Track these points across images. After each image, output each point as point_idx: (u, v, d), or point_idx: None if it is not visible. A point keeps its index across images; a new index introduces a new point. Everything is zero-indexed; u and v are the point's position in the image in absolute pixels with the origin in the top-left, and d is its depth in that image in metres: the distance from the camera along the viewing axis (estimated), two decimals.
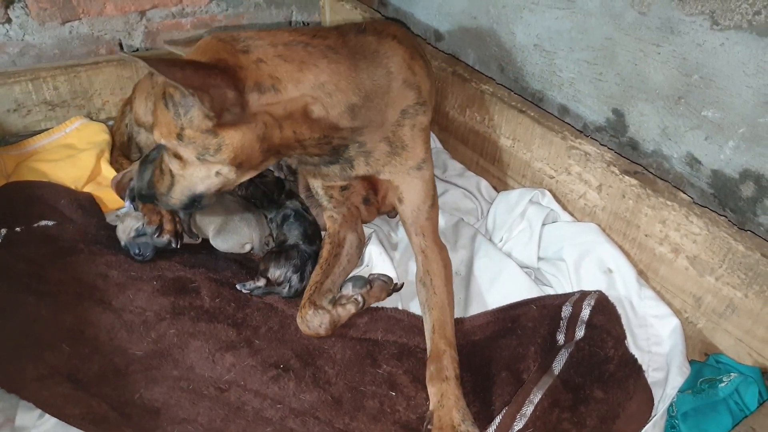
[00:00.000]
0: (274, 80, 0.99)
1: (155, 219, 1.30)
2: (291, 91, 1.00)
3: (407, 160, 1.21)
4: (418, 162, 1.22)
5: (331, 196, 1.29)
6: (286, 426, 1.02)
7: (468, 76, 1.50)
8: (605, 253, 1.22)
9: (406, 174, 1.22)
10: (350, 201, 1.31)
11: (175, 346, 1.13)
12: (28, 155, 1.52)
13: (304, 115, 1.03)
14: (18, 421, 0.97)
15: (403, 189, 1.24)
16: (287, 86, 1.00)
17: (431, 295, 1.18)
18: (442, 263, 1.22)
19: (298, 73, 1.00)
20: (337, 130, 1.08)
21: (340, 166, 1.19)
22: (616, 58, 1.24)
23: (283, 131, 1.03)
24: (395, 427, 1.05)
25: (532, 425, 0.98)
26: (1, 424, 0.93)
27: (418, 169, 1.22)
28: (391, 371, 1.14)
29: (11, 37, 1.53)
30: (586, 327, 1.12)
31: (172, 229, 1.31)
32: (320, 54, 1.03)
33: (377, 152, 1.18)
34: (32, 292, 1.18)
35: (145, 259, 1.28)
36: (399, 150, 1.19)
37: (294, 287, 1.24)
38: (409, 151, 1.20)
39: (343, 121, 1.07)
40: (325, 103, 1.03)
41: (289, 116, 1.02)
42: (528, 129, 1.36)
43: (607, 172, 1.21)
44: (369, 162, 1.19)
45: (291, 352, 1.15)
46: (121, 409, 1.00)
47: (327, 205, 1.31)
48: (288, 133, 1.04)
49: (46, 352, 1.07)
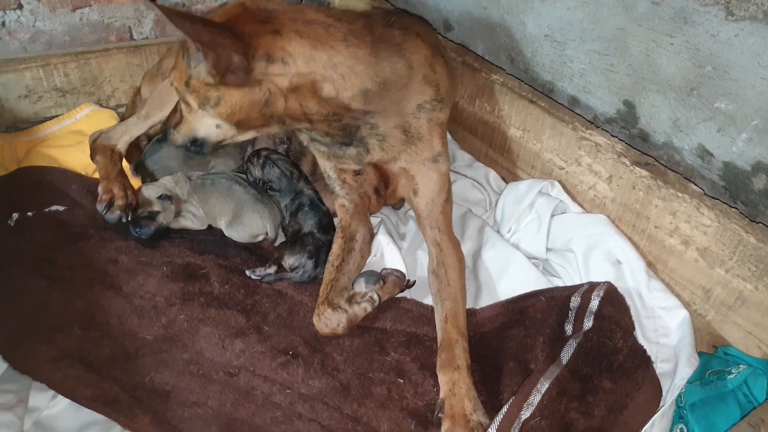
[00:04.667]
0: (285, 53, 1.02)
1: (106, 197, 1.34)
2: (300, 67, 1.03)
3: (423, 150, 1.22)
4: (434, 154, 1.23)
5: (344, 181, 1.29)
6: (295, 411, 1.03)
7: (478, 66, 1.49)
8: (614, 245, 1.22)
9: (421, 165, 1.23)
10: (363, 189, 1.31)
11: (184, 332, 1.13)
12: (39, 141, 1.53)
13: (313, 92, 1.05)
14: (31, 401, 0.98)
15: (419, 180, 1.24)
16: (297, 61, 1.03)
17: (445, 286, 1.18)
18: (456, 257, 1.23)
19: (311, 50, 1.03)
20: (348, 111, 1.10)
21: (356, 150, 1.20)
22: (628, 49, 1.24)
23: (288, 102, 1.06)
24: (403, 413, 1.06)
25: (540, 414, 0.98)
26: (15, 404, 0.94)
27: (434, 161, 1.23)
28: (399, 359, 1.15)
29: (22, 24, 1.53)
30: (594, 318, 1.12)
31: (123, 204, 1.35)
32: (340, 37, 1.05)
33: (392, 138, 1.18)
34: (44, 276, 1.18)
35: (141, 236, 1.30)
36: (415, 140, 1.20)
37: (308, 273, 1.24)
38: (425, 142, 1.21)
39: (355, 104, 1.09)
40: (337, 84, 1.05)
41: (294, 90, 1.05)
42: (538, 120, 1.35)
43: (617, 164, 1.21)
44: (384, 147, 1.19)
45: (300, 338, 1.16)
46: (132, 392, 1.01)
47: (339, 191, 1.30)
48: (293, 104, 1.07)
49: (58, 335, 1.08)
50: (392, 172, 1.27)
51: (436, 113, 1.20)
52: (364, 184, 1.30)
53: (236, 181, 1.36)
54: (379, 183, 1.31)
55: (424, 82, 1.17)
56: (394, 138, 1.18)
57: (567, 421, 0.99)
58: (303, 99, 1.06)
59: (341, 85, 1.06)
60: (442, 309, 1.16)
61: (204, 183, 1.37)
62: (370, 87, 1.08)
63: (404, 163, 1.23)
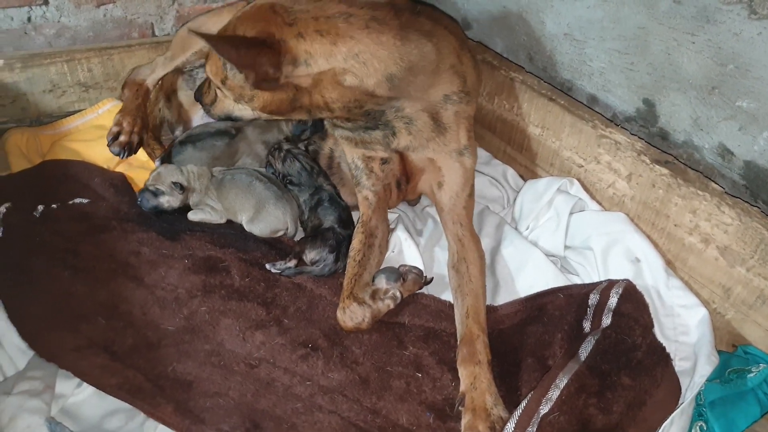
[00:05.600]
0: (308, 55, 1.06)
1: (115, 129, 1.44)
2: (321, 65, 1.06)
3: (451, 142, 1.23)
4: (460, 147, 1.24)
5: (371, 170, 1.29)
6: (315, 403, 1.04)
7: (497, 63, 1.50)
8: (633, 243, 1.22)
9: (448, 156, 1.24)
10: (387, 180, 1.31)
11: (206, 323, 1.15)
12: (62, 135, 1.55)
13: (335, 83, 1.08)
14: (57, 389, 0.99)
15: (445, 172, 1.25)
16: (318, 60, 1.06)
17: (466, 281, 1.19)
18: (478, 253, 1.23)
19: (331, 46, 1.05)
20: (373, 97, 1.12)
21: (382, 133, 1.21)
22: (648, 48, 1.24)
23: (313, 96, 1.11)
24: (421, 407, 1.07)
25: (558, 409, 0.98)
26: (42, 390, 0.96)
27: (460, 154, 1.24)
28: (417, 353, 1.15)
29: (48, 19, 1.55)
30: (613, 315, 1.12)
31: (125, 141, 1.46)
32: (361, 24, 1.07)
33: (419, 122, 1.19)
34: (68, 266, 1.20)
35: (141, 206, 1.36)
36: (443, 129, 1.22)
37: (328, 266, 1.25)
38: (452, 133, 1.22)
39: (380, 90, 1.10)
40: (359, 72, 1.07)
41: (316, 85, 1.09)
42: (558, 117, 1.36)
43: (637, 162, 1.21)
44: (411, 131, 1.20)
45: (319, 331, 1.17)
46: (155, 381, 1.03)
47: (365, 182, 1.30)
48: (317, 98, 1.11)
49: (83, 324, 1.09)
50: (417, 166, 1.28)
51: (463, 106, 1.21)
52: (389, 175, 1.31)
53: (256, 177, 1.37)
54: (402, 176, 1.32)
55: (452, 71, 1.18)
56: (422, 122, 1.19)
57: (585, 417, 1.00)
58: (326, 91, 1.09)
59: (364, 72, 1.07)
60: (463, 304, 1.16)
61: (224, 178, 1.38)
62: (395, 72, 1.09)
63: (432, 153, 1.24)
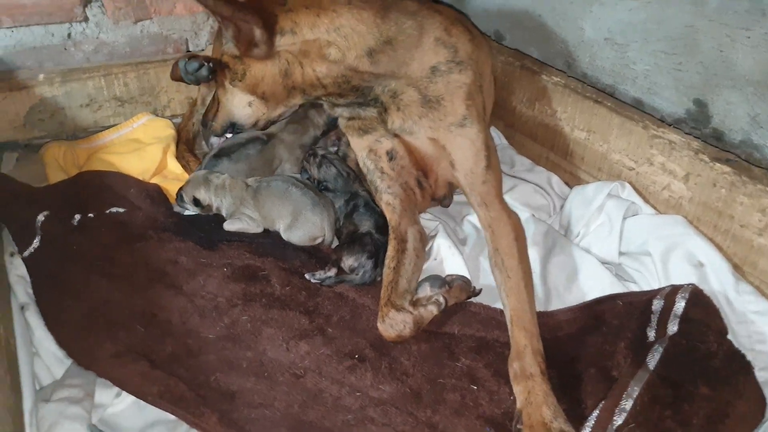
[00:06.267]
0: (294, 24, 1.14)
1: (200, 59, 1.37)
2: (306, 34, 1.14)
3: (446, 116, 1.20)
4: (458, 119, 1.20)
5: (382, 171, 1.28)
6: (367, 415, 0.98)
7: (537, 69, 1.47)
8: (695, 246, 1.15)
9: (447, 131, 1.21)
10: (403, 179, 1.28)
11: (248, 332, 1.10)
12: (98, 148, 1.54)
13: (321, 56, 1.15)
14: (96, 398, 0.94)
15: (450, 149, 1.22)
16: (303, 29, 1.14)
17: (505, 279, 1.12)
18: (512, 236, 1.16)
19: (315, 18, 1.14)
20: (357, 72, 1.17)
21: (375, 110, 1.25)
22: (698, 46, 1.20)
23: (305, 69, 1.17)
24: (480, 421, 1.00)
25: (633, 420, 0.91)
26: (82, 398, 0.91)
27: (461, 126, 1.20)
28: (470, 365, 1.09)
29: (87, 35, 1.57)
30: (680, 321, 1.05)
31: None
32: (344, 1, 1.15)
33: (405, 96, 1.20)
34: (104, 274, 1.17)
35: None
36: (434, 104, 1.20)
37: (368, 273, 1.20)
38: (446, 106, 1.20)
39: (362, 65, 1.16)
40: (341, 45, 1.14)
41: (305, 55, 1.16)
42: (605, 119, 1.31)
43: (695, 161, 1.16)
44: (399, 106, 1.21)
45: (365, 341, 1.11)
46: (197, 390, 0.97)
47: (380, 184, 1.28)
48: (308, 71, 1.17)
49: (121, 332, 1.05)
50: (425, 153, 1.26)
51: (454, 75, 1.20)
52: (402, 173, 1.28)
53: (293, 184, 1.34)
54: (419, 173, 1.29)
55: (436, 43, 1.19)
56: (408, 96, 1.20)
57: (662, 430, 0.91)
58: (314, 64, 1.16)
59: (345, 45, 1.14)
60: (508, 307, 1.10)
61: (260, 187, 1.35)
62: (373, 45, 1.15)
63: (431, 132, 1.22)
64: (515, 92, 1.54)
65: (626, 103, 1.34)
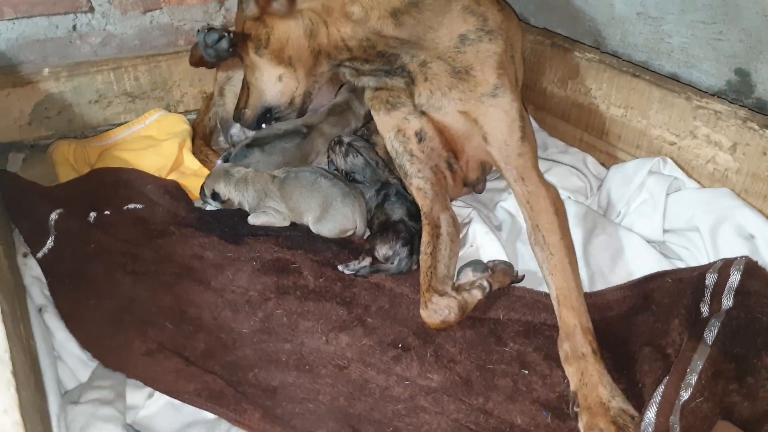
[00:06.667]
0: None
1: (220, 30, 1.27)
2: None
3: (477, 86, 1.15)
4: (490, 88, 1.14)
5: (411, 153, 1.23)
6: (418, 404, 0.92)
7: (569, 46, 1.42)
8: (744, 218, 1.10)
9: (479, 102, 1.15)
10: (433, 162, 1.23)
11: (284, 326, 1.04)
12: (110, 146, 1.48)
13: (344, 15, 1.11)
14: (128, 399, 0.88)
15: (482, 121, 1.16)
16: None
17: (548, 256, 1.06)
18: (552, 210, 1.10)
19: None
20: (381, 36, 1.12)
21: (403, 80, 1.20)
22: (740, 13, 1.15)
23: (329, 29, 1.13)
24: (535, 405, 0.94)
25: (700, 395, 0.86)
26: (113, 399, 0.84)
27: (493, 96, 1.14)
28: (519, 349, 1.03)
29: (93, 27, 1.50)
30: (735, 295, 1.00)
31: None
32: None
33: (434, 65, 1.15)
34: (128, 271, 1.11)
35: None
36: (464, 75, 1.15)
37: (404, 261, 1.14)
38: (477, 76, 1.14)
39: (387, 29, 1.11)
40: (365, 3, 1.09)
41: (329, 12, 1.12)
42: (644, 94, 1.26)
43: (743, 129, 1.11)
44: (427, 76, 1.16)
45: (407, 330, 1.05)
46: (236, 387, 0.91)
47: (410, 168, 1.23)
48: (333, 31, 1.13)
49: (150, 330, 0.99)
50: (455, 131, 1.20)
51: (484, 44, 1.14)
52: (432, 155, 1.23)
53: (322, 174, 1.28)
54: (449, 154, 1.24)
55: (465, 11, 1.14)
56: (437, 66, 1.15)
57: (728, 404, 0.87)
58: (339, 24, 1.12)
59: (368, 4, 1.09)
60: (553, 286, 1.04)
61: (287, 178, 1.29)
62: (398, 5, 1.10)
63: (461, 105, 1.16)
64: (545, 72, 1.48)
65: (666, 76, 1.29)
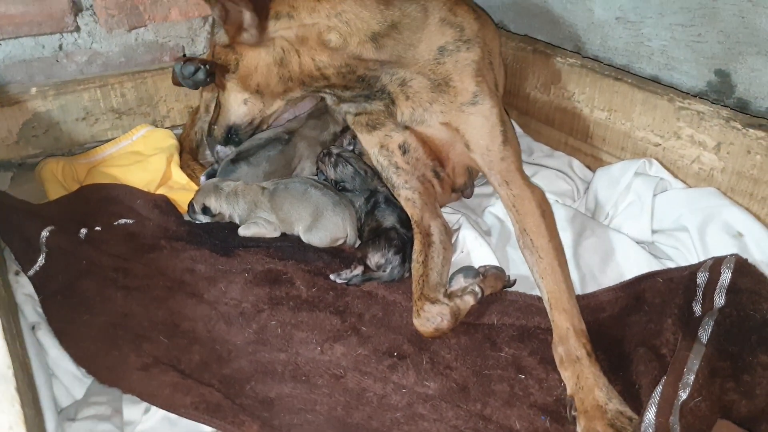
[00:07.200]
0: (291, 8, 1.10)
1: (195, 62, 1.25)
2: (305, 18, 1.09)
3: (456, 96, 1.16)
4: (470, 97, 1.16)
5: (397, 166, 1.24)
6: (416, 411, 0.92)
7: (550, 51, 1.44)
8: (732, 217, 1.12)
9: (459, 111, 1.16)
10: (419, 172, 1.24)
11: (278, 337, 1.03)
12: (98, 163, 1.47)
13: (321, 43, 1.10)
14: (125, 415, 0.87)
15: (463, 130, 1.17)
16: (301, 13, 1.09)
17: (537, 260, 1.07)
18: (538, 213, 1.10)
19: (315, 2, 1.09)
20: (361, 61, 1.12)
21: (382, 103, 1.20)
22: (717, 15, 1.18)
23: (302, 58, 1.13)
24: (533, 410, 0.94)
25: (698, 394, 0.86)
26: (110, 415, 0.84)
27: (473, 104, 1.16)
28: (514, 354, 1.04)
29: (79, 46, 1.50)
30: (727, 293, 1.01)
31: None
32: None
33: (414, 82, 1.16)
34: (120, 287, 1.10)
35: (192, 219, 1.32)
36: (444, 87, 1.16)
37: (396, 269, 1.15)
38: (456, 86, 1.16)
39: (366, 52, 1.11)
40: (342, 31, 1.09)
41: (302, 42, 1.11)
42: (626, 97, 1.28)
43: (726, 129, 1.13)
44: (408, 93, 1.17)
45: (402, 338, 1.05)
46: (233, 399, 0.90)
47: (396, 180, 1.24)
48: (306, 60, 1.13)
49: (145, 344, 0.98)
50: (439, 140, 1.21)
51: (462, 53, 1.16)
52: (418, 165, 1.24)
53: (311, 184, 1.28)
54: (435, 163, 1.25)
55: (442, 23, 1.16)
56: (417, 83, 1.16)
57: (726, 403, 0.88)
58: (314, 53, 1.12)
59: (347, 31, 1.09)
60: (544, 290, 1.05)
61: (277, 189, 1.30)
62: (377, 29, 1.10)
63: (442, 117, 1.18)
64: (528, 78, 1.50)
65: (647, 78, 1.31)
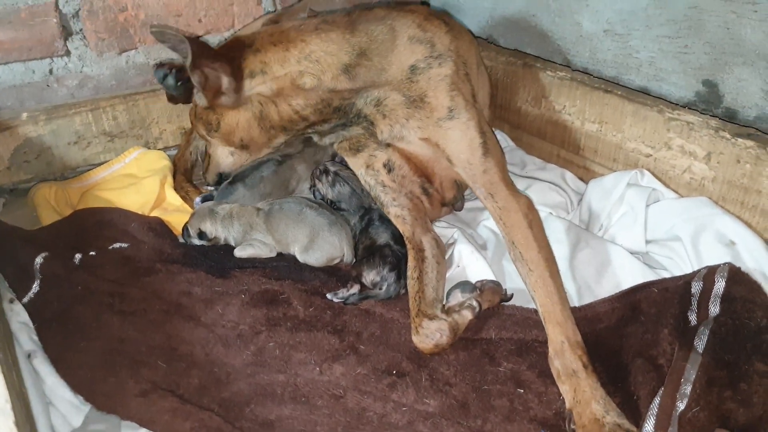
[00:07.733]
0: (263, 64, 1.12)
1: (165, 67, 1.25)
2: (277, 71, 1.11)
3: (432, 112, 1.16)
4: (445, 112, 1.16)
5: (384, 184, 1.24)
6: (417, 429, 0.91)
7: (540, 65, 1.46)
8: (724, 225, 1.13)
9: (437, 127, 1.16)
10: (407, 189, 1.25)
11: (277, 358, 1.03)
12: (91, 187, 1.47)
13: (296, 89, 1.12)
14: None
15: (443, 144, 1.17)
16: (273, 67, 1.11)
17: (528, 272, 1.07)
18: (525, 224, 1.10)
19: (284, 52, 1.11)
20: (336, 93, 1.14)
21: (360, 126, 1.21)
22: (703, 26, 1.20)
23: (280, 107, 1.15)
24: (533, 424, 0.94)
25: (696, 405, 0.87)
26: None
27: (450, 118, 1.16)
28: (513, 368, 1.04)
29: (70, 70, 1.51)
30: (722, 301, 1.02)
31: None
32: (311, 28, 1.13)
33: (388, 100, 1.17)
34: (116, 311, 1.09)
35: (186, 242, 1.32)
36: (419, 103, 1.16)
37: (392, 286, 1.15)
38: (431, 102, 1.16)
39: (341, 84, 1.13)
40: (315, 71, 1.11)
41: (278, 93, 1.13)
42: (617, 109, 1.30)
43: (716, 139, 1.14)
44: (384, 113, 1.17)
45: (400, 355, 1.05)
46: (234, 423, 0.90)
47: (384, 199, 1.25)
48: (284, 107, 1.15)
49: (142, 369, 0.97)
50: (422, 156, 1.22)
51: (434, 70, 1.16)
52: (404, 182, 1.25)
53: (307, 205, 1.28)
54: (422, 179, 1.26)
55: (411, 42, 1.16)
56: (391, 100, 1.17)
57: (724, 412, 0.88)
58: (290, 99, 1.14)
59: (318, 69, 1.11)
60: (537, 304, 1.05)
61: (272, 210, 1.30)
62: (347, 60, 1.11)
63: (419, 132, 1.18)
64: (519, 92, 1.52)
65: (636, 90, 1.33)
